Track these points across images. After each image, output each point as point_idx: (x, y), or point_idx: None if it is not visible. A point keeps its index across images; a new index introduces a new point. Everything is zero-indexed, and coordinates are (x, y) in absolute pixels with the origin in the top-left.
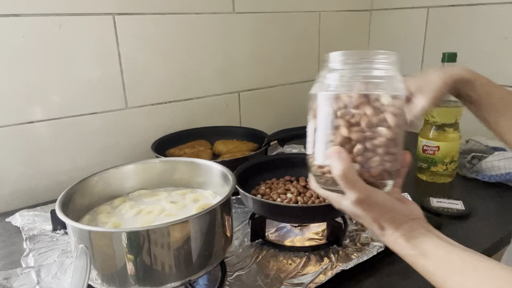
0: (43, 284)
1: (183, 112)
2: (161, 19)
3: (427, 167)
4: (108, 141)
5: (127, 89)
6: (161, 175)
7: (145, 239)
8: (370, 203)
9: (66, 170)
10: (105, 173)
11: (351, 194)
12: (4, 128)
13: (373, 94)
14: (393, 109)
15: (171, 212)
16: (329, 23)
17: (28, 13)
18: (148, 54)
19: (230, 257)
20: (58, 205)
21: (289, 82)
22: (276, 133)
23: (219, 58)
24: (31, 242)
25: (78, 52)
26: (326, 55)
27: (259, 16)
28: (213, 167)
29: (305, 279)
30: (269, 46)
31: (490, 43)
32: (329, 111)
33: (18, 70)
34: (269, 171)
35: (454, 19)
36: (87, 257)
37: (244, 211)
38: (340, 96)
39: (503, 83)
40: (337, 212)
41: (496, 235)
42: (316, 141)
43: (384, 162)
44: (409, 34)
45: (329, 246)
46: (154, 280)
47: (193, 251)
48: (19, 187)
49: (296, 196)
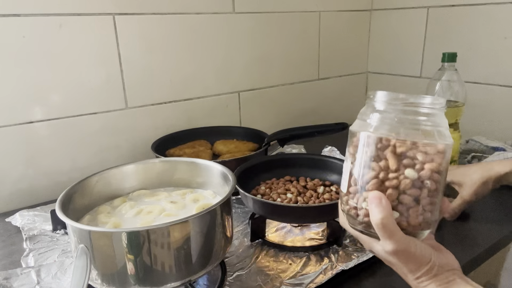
0: (43, 284)
1: (183, 112)
2: (161, 19)
3: None
4: (108, 141)
5: (127, 89)
6: (161, 175)
7: (145, 239)
8: (408, 255)
9: (66, 170)
10: (105, 173)
11: (388, 244)
12: (4, 128)
13: (421, 140)
14: (438, 158)
15: (171, 212)
16: (329, 23)
17: (28, 13)
18: (148, 54)
19: (230, 257)
20: (58, 205)
21: (289, 82)
22: (276, 133)
23: (219, 58)
24: (31, 242)
25: (78, 52)
26: (370, 93)
27: (259, 16)
28: (213, 167)
29: (305, 279)
30: (269, 46)
31: (490, 43)
32: (371, 154)
33: (18, 70)
34: (269, 171)
35: (454, 19)
36: (87, 257)
37: (244, 211)
38: (384, 139)
39: (503, 83)
40: (337, 212)
41: (496, 235)
42: (353, 181)
43: (424, 212)
44: (409, 34)
45: (329, 246)
46: (154, 280)
47: (193, 251)
48: (19, 187)
49: (296, 196)
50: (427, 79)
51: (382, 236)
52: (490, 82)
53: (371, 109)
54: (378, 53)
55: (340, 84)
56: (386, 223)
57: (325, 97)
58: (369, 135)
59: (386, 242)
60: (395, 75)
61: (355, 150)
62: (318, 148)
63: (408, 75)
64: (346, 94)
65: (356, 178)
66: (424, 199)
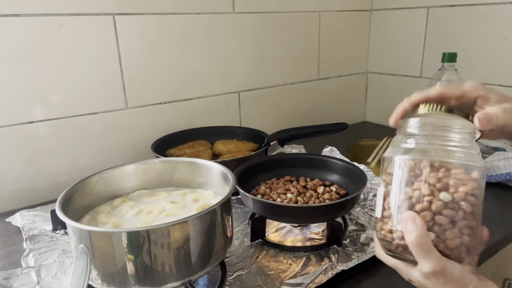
0: (43, 284)
1: (183, 112)
2: (161, 19)
3: None
4: (108, 141)
5: (127, 89)
6: (161, 175)
7: (145, 239)
8: (446, 277)
9: (66, 170)
10: (105, 173)
11: (425, 264)
12: (4, 128)
13: (454, 163)
14: (472, 182)
15: (171, 212)
16: (329, 23)
17: (28, 13)
18: (148, 54)
19: (230, 257)
20: (58, 205)
21: (289, 82)
22: (276, 133)
23: (219, 58)
24: (31, 242)
25: (78, 52)
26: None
27: (259, 16)
28: (213, 167)
29: (305, 279)
30: (269, 46)
31: (490, 43)
32: (404, 178)
33: (18, 70)
34: (269, 171)
35: (454, 19)
36: (87, 257)
37: (244, 211)
38: (418, 163)
39: (503, 83)
40: (337, 212)
41: (496, 235)
42: (387, 204)
43: (462, 236)
44: (409, 34)
45: (329, 246)
46: (154, 280)
47: (193, 251)
48: (19, 187)
49: (296, 196)
50: (427, 79)
51: (418, 255)
52: (490, 82)
53: (402, 135)
54: (378, 53)
55: (340, 84)
56: (421, 241)
57: (325, 97)
58: (401, 160)
59: (423, 262)
60: (395, 75)
61: (387, 175)
62: (318, 148)
63: (408, 75)
64: (346, 94)
65: (390, 202)
66: (460, 221)
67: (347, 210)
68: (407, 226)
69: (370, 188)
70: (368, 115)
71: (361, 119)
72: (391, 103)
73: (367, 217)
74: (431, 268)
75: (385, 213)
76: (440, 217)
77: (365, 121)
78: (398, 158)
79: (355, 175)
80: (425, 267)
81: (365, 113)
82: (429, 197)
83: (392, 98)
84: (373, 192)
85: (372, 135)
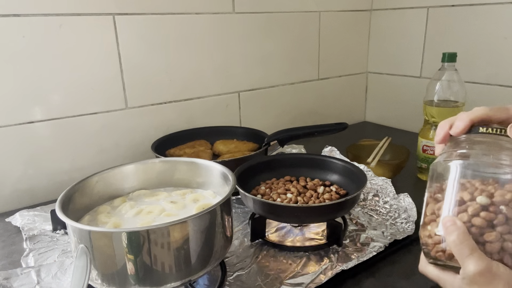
0: (43, 284)
1: (183, 112)
2: (161, 19)
3: (427, 167)
4: (108, 141)
5: (127, 89)
6: (161, 175)
7: (145, 239)
8: (491, 276)
9: (66, 170)
10: (105, 173)
11: (469, 265)
12: (4, 128)
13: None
14: None
15: (171, 212)
16: (329, 23)
17: (28, 13)
18: (148, 54)
19: (230, 257)
20: (58, 205)
21: (289, 82)
22: (276, 133)
23: (219, 58)
24: (31, 242)
25: (78, 52)
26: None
27: (259, 16)
28: (213, 167)
29: (305, 279)
30: (269, 46)
31: (490, 43)
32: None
33: (18, 70)
34: (269, 171)
35: (454, 19)
36: (87, 257)
37: (244, 211)
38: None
39: (503, 83)
40: (337, 212)
41: None
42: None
43: (504, 242)
44: (409, 34)
45: (329, 246)
46: (154, 280)
47: (193, 251)
48: (19, 187)
49: (296, 196)
50: (427, 79)
51: (462, 255)
52: (490, 82)
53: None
54: (378, 53)
55: (340, 84)
56: (463, 239)
57: (325, 97)
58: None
59: (467, 262)
60: (395, 75)
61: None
62: (318, 148)
63: (408, 75)
64: (346, 94)
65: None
66: (500, 226)
67: (347, 210)
68: (447, 228)
69: (370, 188)
70: (368, 115)
71: (361, 119)
72: (391, 103)
73: (367, 217)
74: (476, 267)
75: (426, 219)
76: (478, 218)
77: (365, 121)
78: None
79: (355, 175)
80: (469, 268)
81: (365, 113)
82: (469, 202)
83: (392, 98)
84: (373, 192)
85: (372, 135)
